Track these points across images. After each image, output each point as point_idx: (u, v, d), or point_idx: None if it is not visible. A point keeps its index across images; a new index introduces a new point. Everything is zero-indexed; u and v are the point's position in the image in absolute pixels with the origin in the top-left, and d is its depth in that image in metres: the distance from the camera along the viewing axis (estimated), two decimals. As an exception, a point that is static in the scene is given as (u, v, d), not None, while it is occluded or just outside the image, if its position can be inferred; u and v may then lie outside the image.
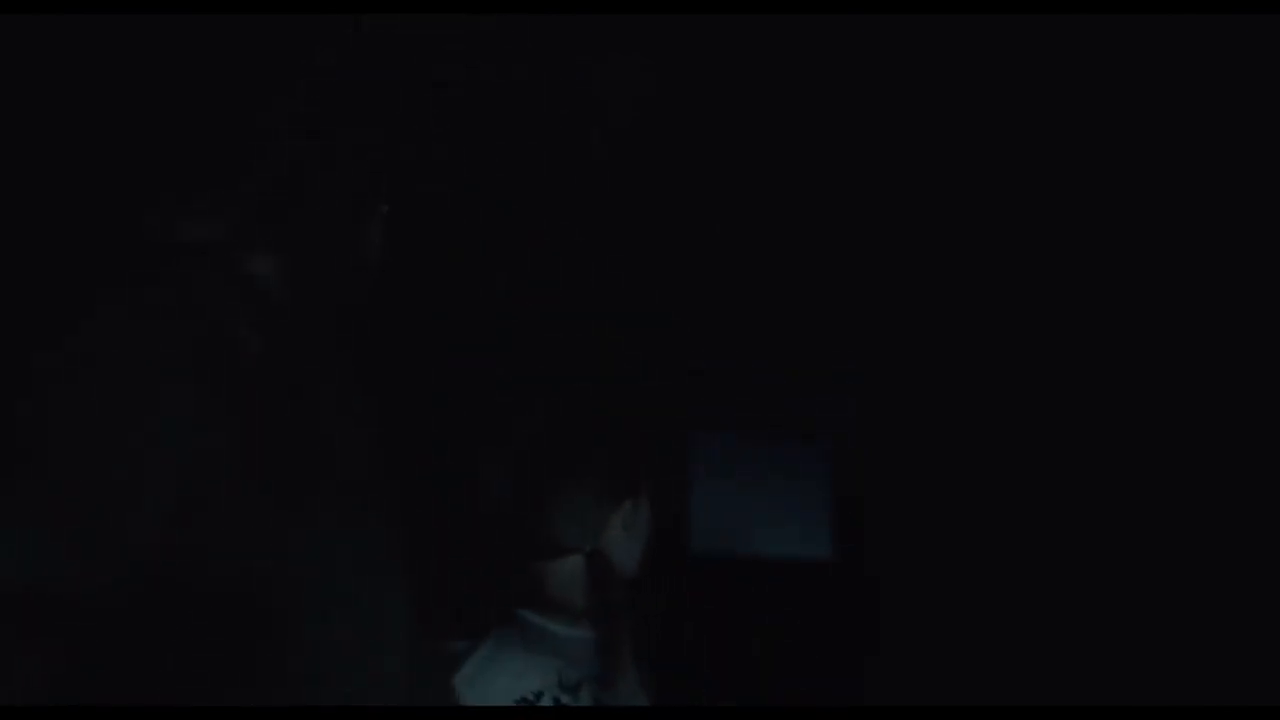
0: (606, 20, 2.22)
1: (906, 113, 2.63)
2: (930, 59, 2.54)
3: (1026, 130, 2.60)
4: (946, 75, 2.56)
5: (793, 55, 2.57)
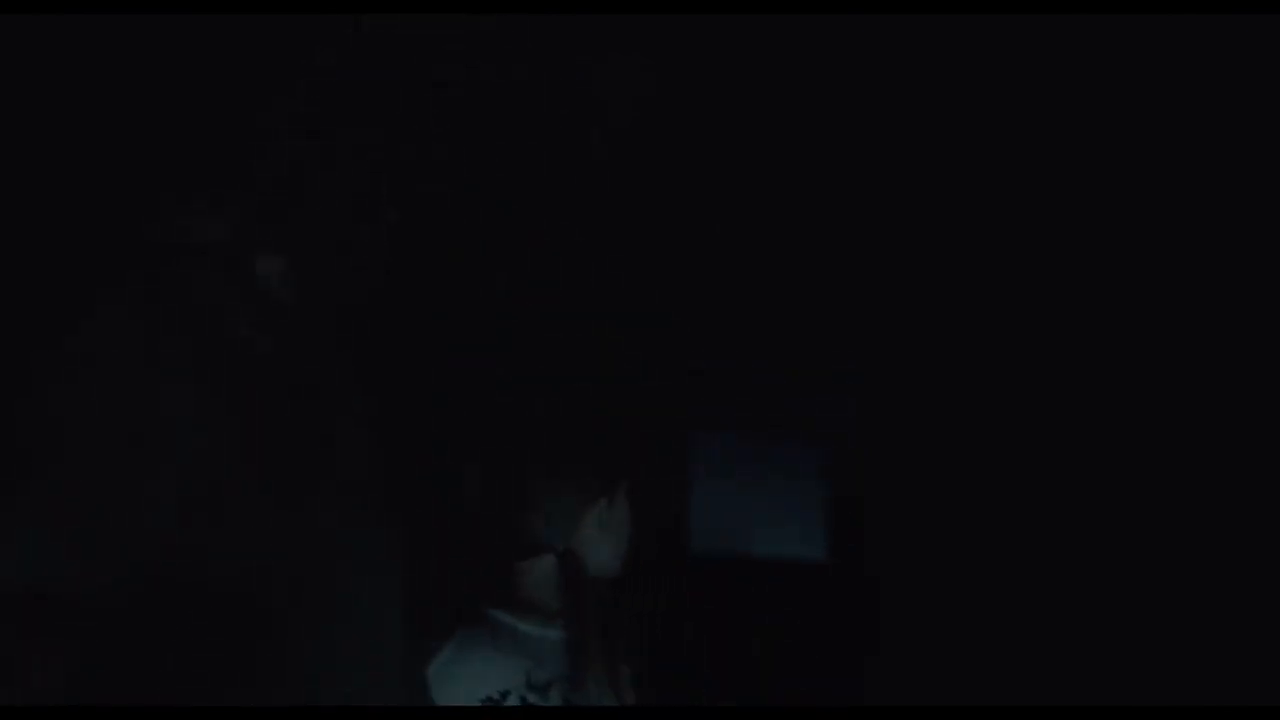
0: (606, 20, 2.22)
1: (907, 113, 2.63)
2: (930, 59, 2.54)
3: (1027, 130, 2.60)
4: (946, 75, 2.56)
5: (793, 55, 2.57)
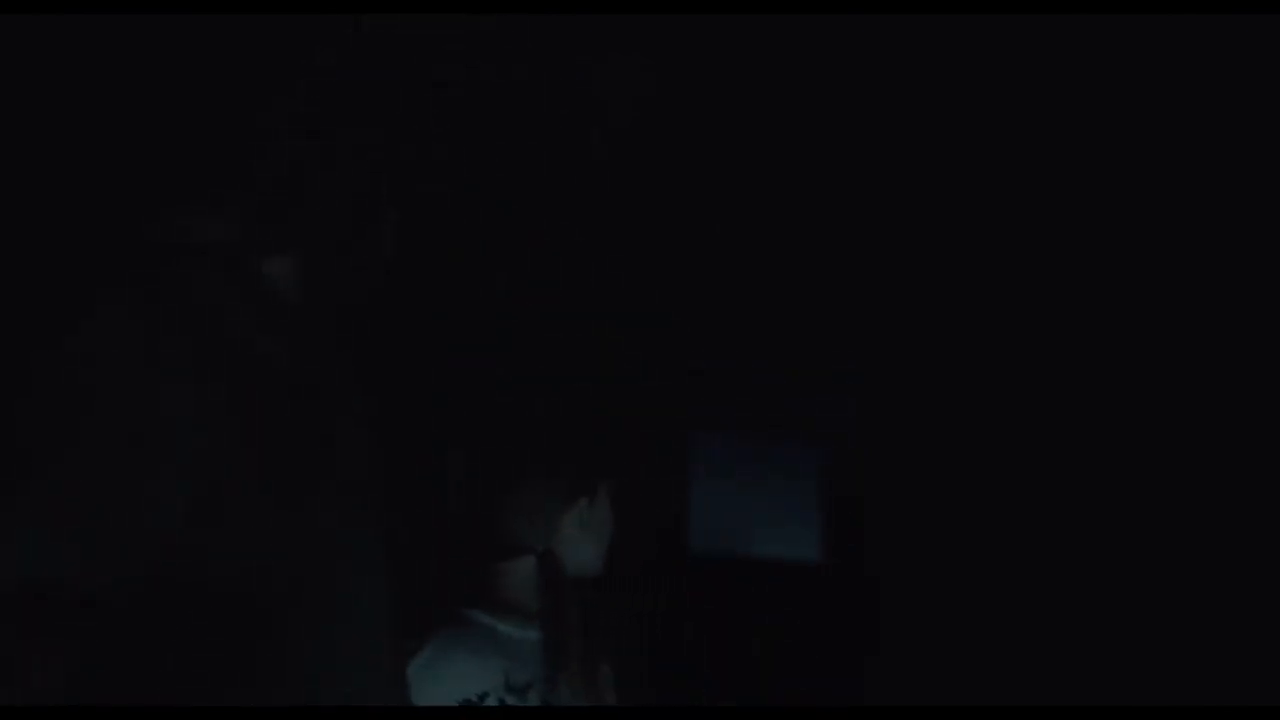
0: (606, 20, 2.22)
1: (906, 113, 2.63)
2: (930, 59, 2.54)
3: (1027, 131, 2.60)
4: (946, 75, 2.56)
5: (793, 55, 2.57)
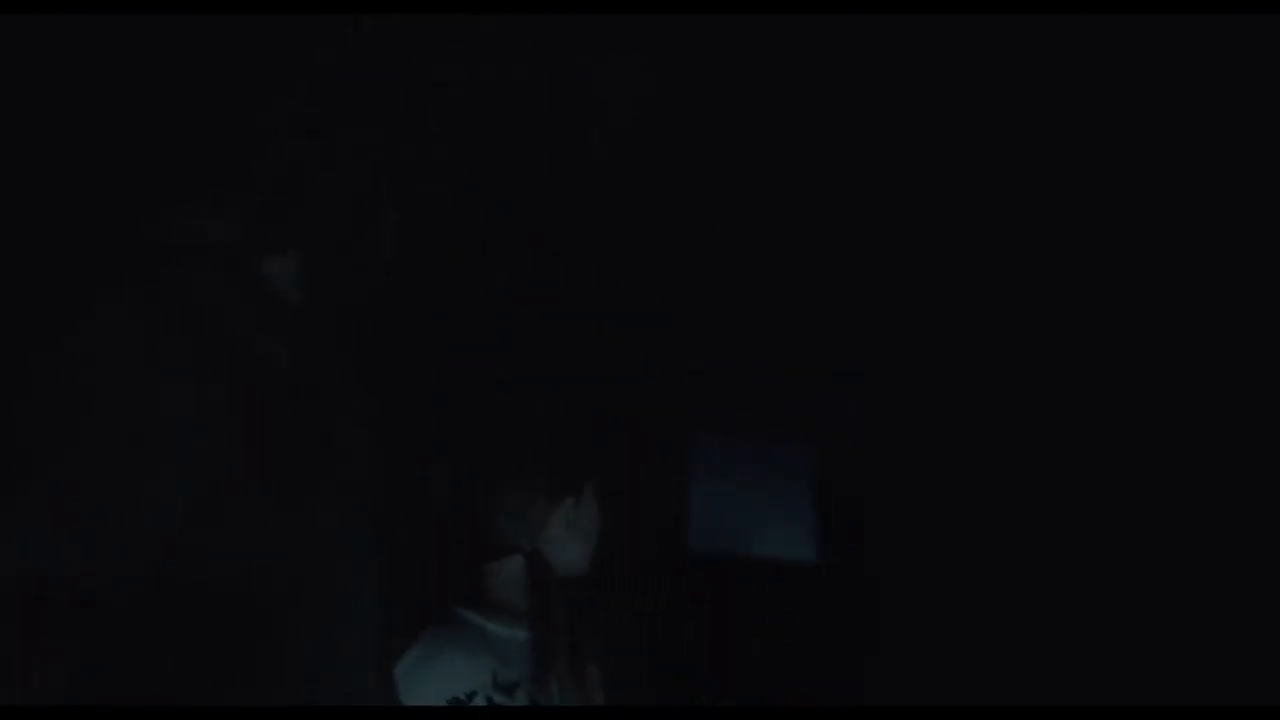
0: (606, 20, 2.22)
1: (906, 113, 2.63)
2: (930, 59, 2.54)
3: (1026, 130, 2.60)
4: (946, 75, 2.56)
5: (793, 55, 2.57)
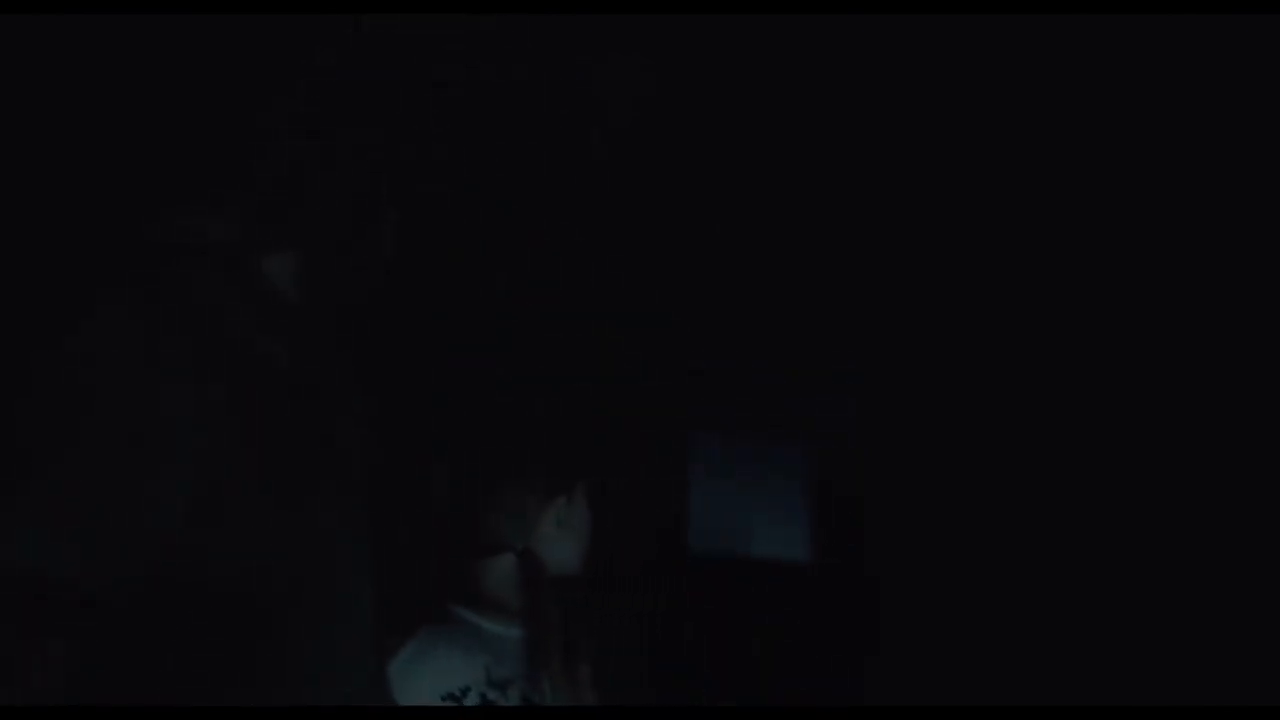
0: (606, 20, 2.22)
1: (906, 113, 2.63)
2: (930, 59, 2.54)
3: (1026, 130, 2.60)
4: (946, 75, 2.56)
5: (793, 55, 2.57)
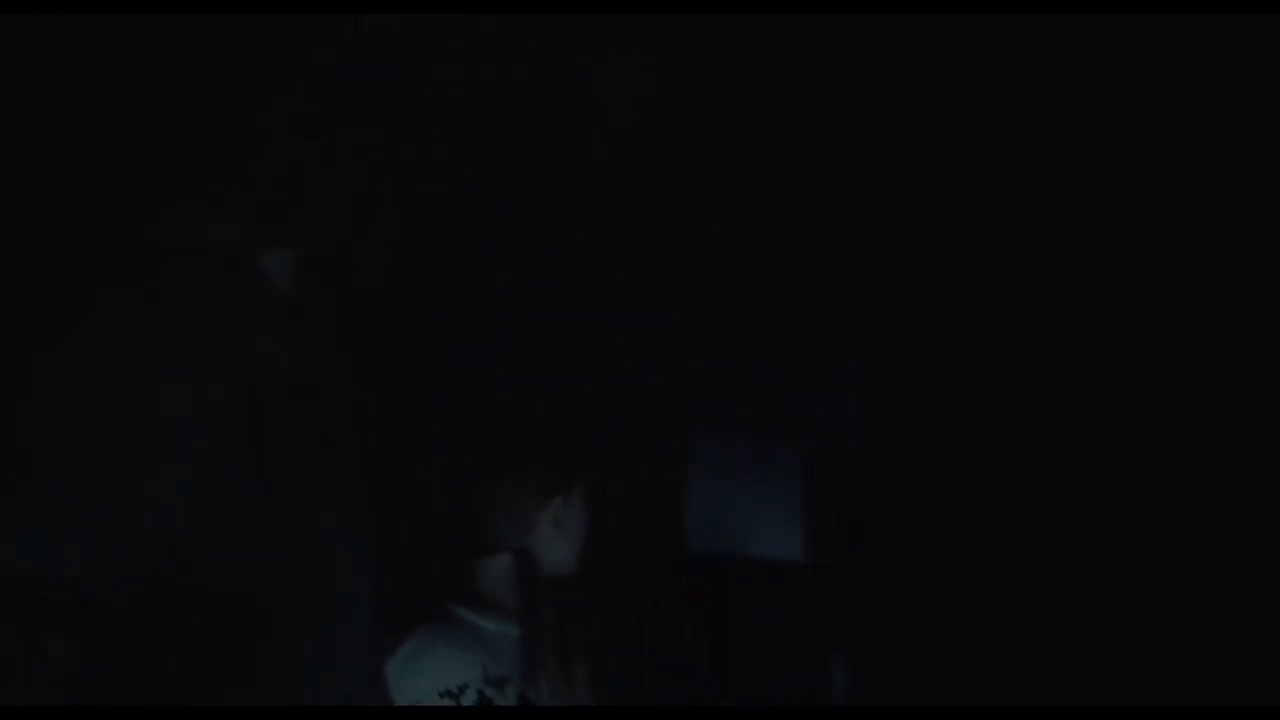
0: (606, 20, 2.22)
1: (906, 113, 2.63)
2: (930, 59, 2.54)
3: (1026, 131, 2.60)
4: (946, 75, 2.56)
5: (793, 55, 2.57)
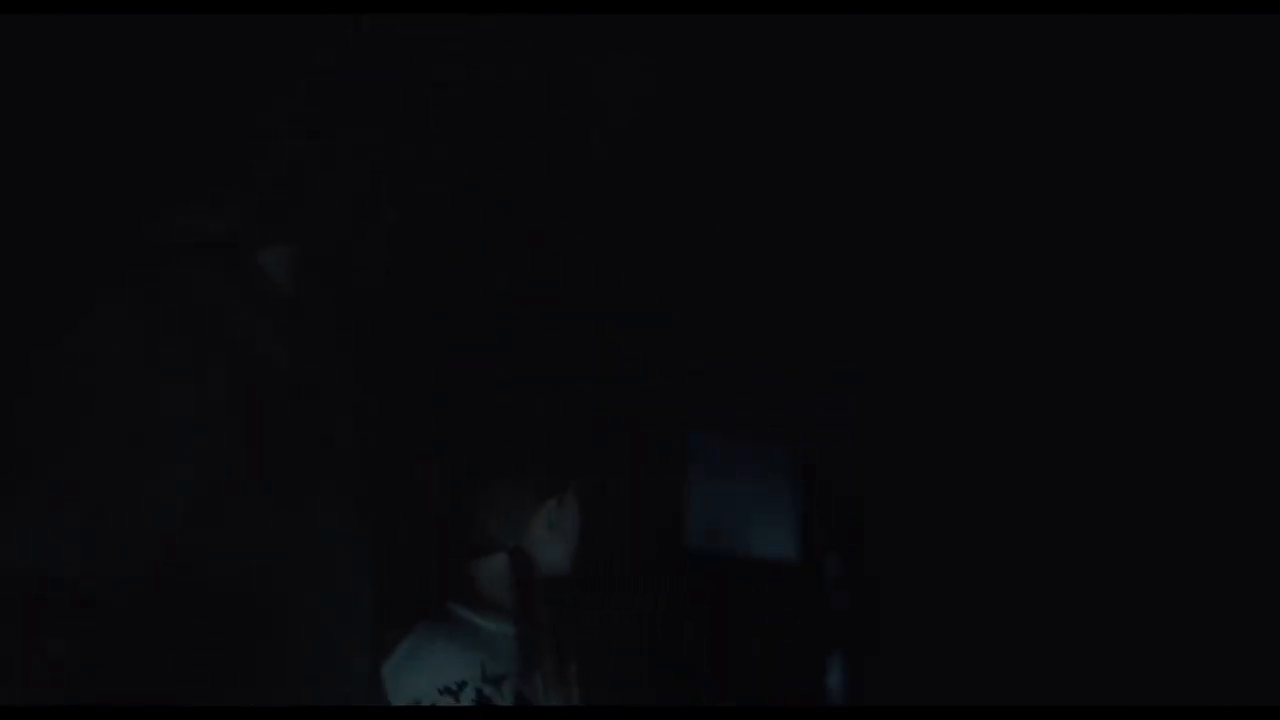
0: (606, 20, 2.22)
1: (906, 113, 2.63)
2: (930, 59, 2.54)
3: (1026, 130, 2.60)
4: (946, 75, 2.56)
5: (793, 55, 2.57)
